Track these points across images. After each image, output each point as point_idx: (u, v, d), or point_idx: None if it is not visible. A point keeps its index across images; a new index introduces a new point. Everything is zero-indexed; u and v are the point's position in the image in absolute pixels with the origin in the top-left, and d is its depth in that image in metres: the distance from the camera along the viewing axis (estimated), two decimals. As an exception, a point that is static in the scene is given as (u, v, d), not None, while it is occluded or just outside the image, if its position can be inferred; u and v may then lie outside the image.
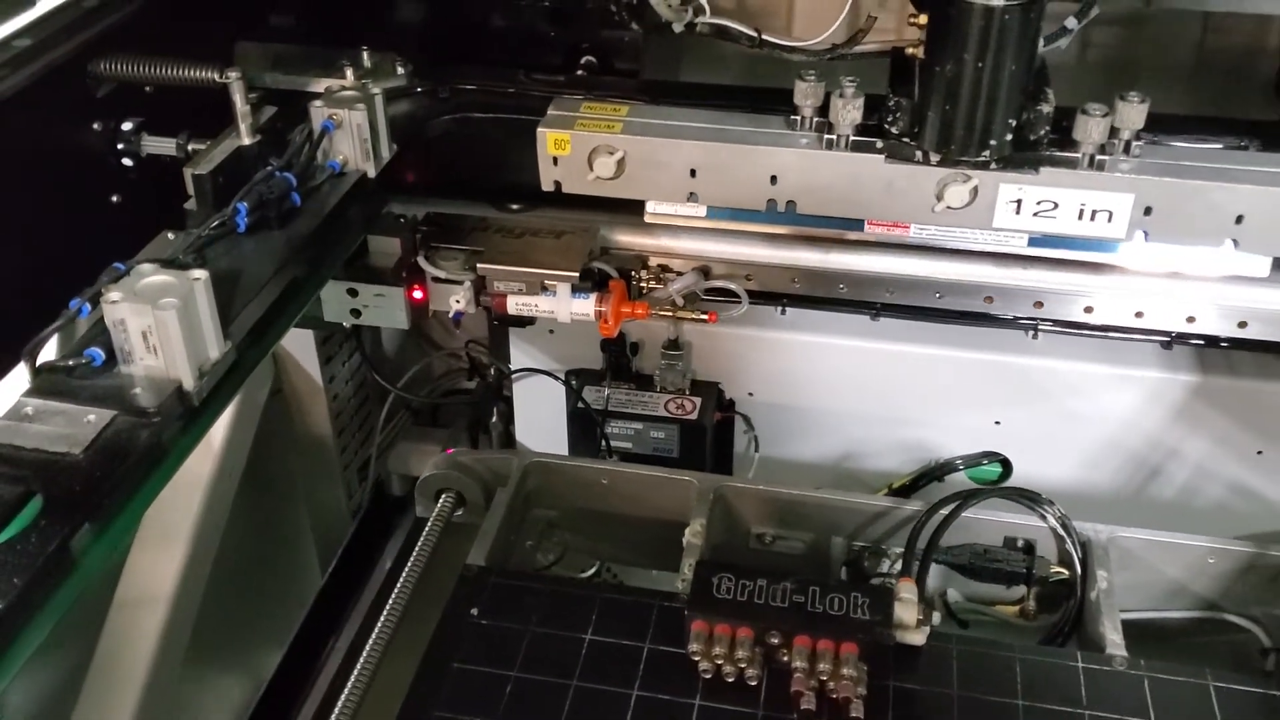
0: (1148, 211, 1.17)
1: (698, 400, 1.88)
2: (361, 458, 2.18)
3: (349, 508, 2.13)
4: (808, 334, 1.84)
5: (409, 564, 1.52)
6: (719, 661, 1.29)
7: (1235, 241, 1.16)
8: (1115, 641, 1.35)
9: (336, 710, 1.32)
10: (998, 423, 1.84)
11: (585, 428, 1.90)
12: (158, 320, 1.02)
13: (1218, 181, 1.18)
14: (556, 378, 1.91)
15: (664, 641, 1.34)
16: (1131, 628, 1.42)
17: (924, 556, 1.43)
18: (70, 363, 1.06)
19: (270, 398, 2.00)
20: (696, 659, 1.30)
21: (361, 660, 1.39)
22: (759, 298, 1.72)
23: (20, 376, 1.08)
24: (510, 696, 1.30)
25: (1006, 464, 1.68)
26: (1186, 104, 1.73)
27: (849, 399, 1.88)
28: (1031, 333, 1.72)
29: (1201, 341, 1.59)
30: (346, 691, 1.36)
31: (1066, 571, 1.49)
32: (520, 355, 1.98)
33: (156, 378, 1.05)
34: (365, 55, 1.54)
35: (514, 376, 1.98)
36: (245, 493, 1.91)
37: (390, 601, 1.46)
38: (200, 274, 1.06)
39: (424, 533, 1.58)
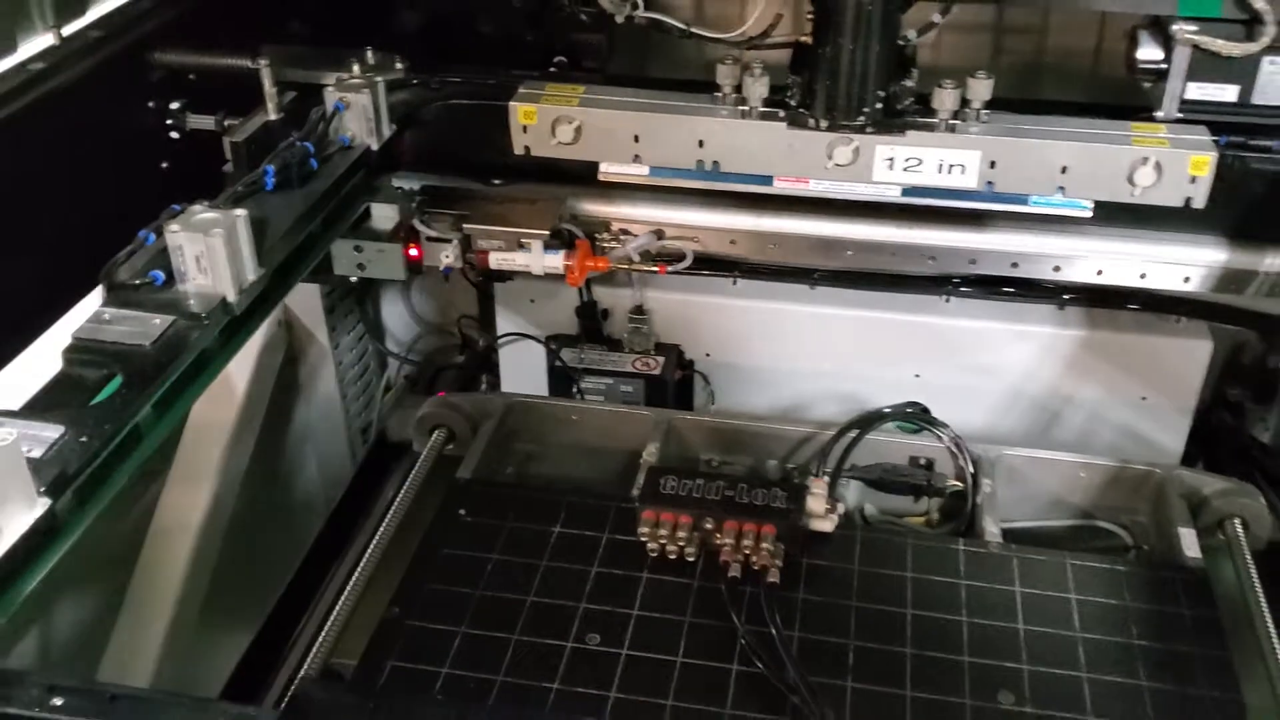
0: (993, 165, 1.45)
1: (661, 359, 2.16)
2: (364, 420, 2.45)
3: (353, 462, 2.40)
4: (756, 301, 2.12)
5: (405, 486, 1.79)
6: (663, 543, 1.56)
7: (1062, 189, 1.44)
8: (994, 533, 1.63)
9: (339, 605, 1.56)
10: (917, 375, 2.11)
11: (563, 383, 2.17)
12: (208, 246, 1.30)
13: (1046, 139, 1.46)
14: (538, 340, 2.19)
15: (619, 532, 1.61)
16: (1020, 535, 1.70)
17: (836, 465, 1.70)
18: (137, 282, 1.34)
19: (284, 364, 2.27)
20: (645, 541, 1.56)
21: (360, 567, 1.63)
22: (712, 267, 2.01)
23: (96, 296, 1.35)
24: (490, 574, 1.56)
25: (926, 413, 1.95)
26: (1086, 95, 2.01)
27: (791, 357, 2.16)
28: (945, 296, 2.01)
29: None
30: (347, 591, 1.60)
31: (961, 484, 1.76)
32: (505, 323, 2.25)
33: (206, 293, 1.32)
34: (369, 54, 1.83)
35: (500, 341, 2.25)
36: (263, 443, 2.18)
37: (387, 518, 1.71)
38: (241, 212, 1.34)
39: (419, 461, 1.85)
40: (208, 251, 1.30)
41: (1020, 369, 2.07)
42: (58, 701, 1.18)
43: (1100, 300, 1.96)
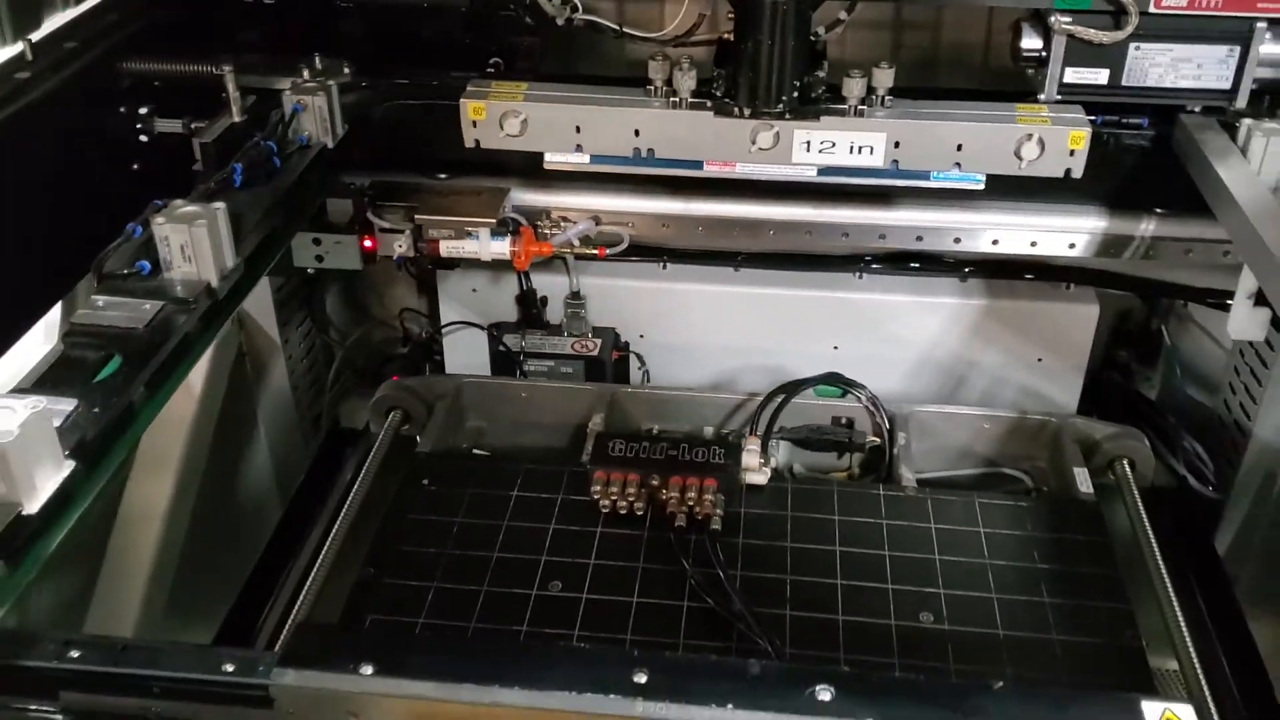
0: (897, 145, 1.63)
1: (598, 341, 2.30)
2: (315, 410, 2.56)
3: (307, 450, 2.50)
4: (685, 283, 2.27)
5: (366, 464, 1.91)
6: (614, 500, 1.71)
7: (958, 165, 1.62)
8: (909, 478, 1.80)
9: (315, 569, 1.68)
10: (836, 347, 2.28)
11: (506, 367, 2.31)
12: (193, 236, 1.41)
13: (943, 121, 1.65)
14: (481, 327, 2.32)
15: (573, 493, 1.76)
16: (933, 484, 1.88)
17: (767, 425, 1.87)
18: (125, 271, 1.44)
19: (237, 358, 2.37)
20: (598, 499, 1.71)
21: (331, 537, 1.75)
22: (643, 253, 2.16)
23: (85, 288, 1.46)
24: (456, 536, 1.70)
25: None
26: (977, 82, 2.20)
27: (719, 335, 2.31)
28: (858, 273, 2.18)
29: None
30: (323, 556, 1.73)
31: (879, 440, 1.94)
32: (449, 313, 2.38)
33: (191, 280, 1.44)
34: (317, 59, 1.95)
35: (444, 330, 2.38)
36: (221, 432, 2.27)
37: (353, 492, 1.83)
38: (220, 204, 1.45)
39: (377, 441, 1.97)
40: (192, 241, 1.42)
41: (928, 337, 2.25)
42: (75, 654, 1.29)
43: (998, 272, 2.15)
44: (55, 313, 1.58)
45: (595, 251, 1.91)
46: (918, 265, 2.14)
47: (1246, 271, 1.58)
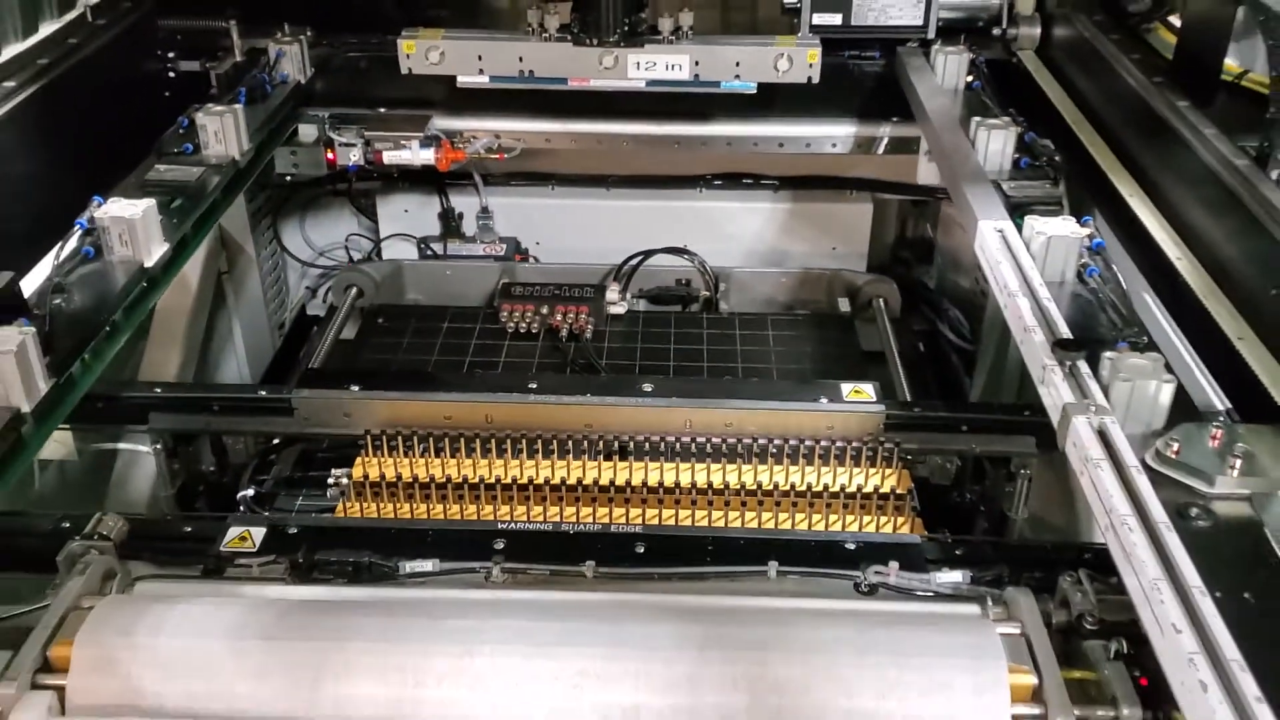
0: (697, 63, 2.37)
1: (504, 246, 3.02)
2: (280, 317, 3.22)
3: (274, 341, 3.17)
4: (569, 200, 3.01)
5: (336, 320, 2.59)
6: (517, 322, 2.43)
7: (738, 76, 2.37)
8: (725, 308, 2.56)
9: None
10: (685, 245, 3.03)
11: (433, 266, 3.02)
12: (223, 123, 2.10)
13: (727, 46, 2.39)
14: (412, 237, 3.03)
15: (487, 322, 2.48)
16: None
17: (626, 273, 2.60)
18: (176, 150, 2.12)
19: (220, 275, 3.04)
20: (504, 323, 2.43)
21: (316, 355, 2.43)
22: (535, 179, 2.90)
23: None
24: (405, 349, 2.41)
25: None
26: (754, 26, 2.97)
27: (596, 239, 3.02)
28: (700, 188, 2.95)
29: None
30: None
31: (709, 293, 2.69)
32: (386, 228, 3.08)
33: (221, 156, 2.12)
34: (286, 26, 2.64)
35: (383, 241, 3.08)
36: (212, 322, 2.93)
37: (328, 333, 2.51)
38: (238, 106, 2.15)
39: (340, 309, 2.66)
40: (223, 128, 2.11)
41: (753, 233, 3.00)
42: (158, 390, 1.98)
43: (800, 185, 2.93)
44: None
45: (496, 157, 2.63)
46: (749, 180, 2.91)
47: (923, 137, 2.33)
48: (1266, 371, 1.42)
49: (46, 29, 2.29)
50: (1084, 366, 1.44)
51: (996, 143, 2.03)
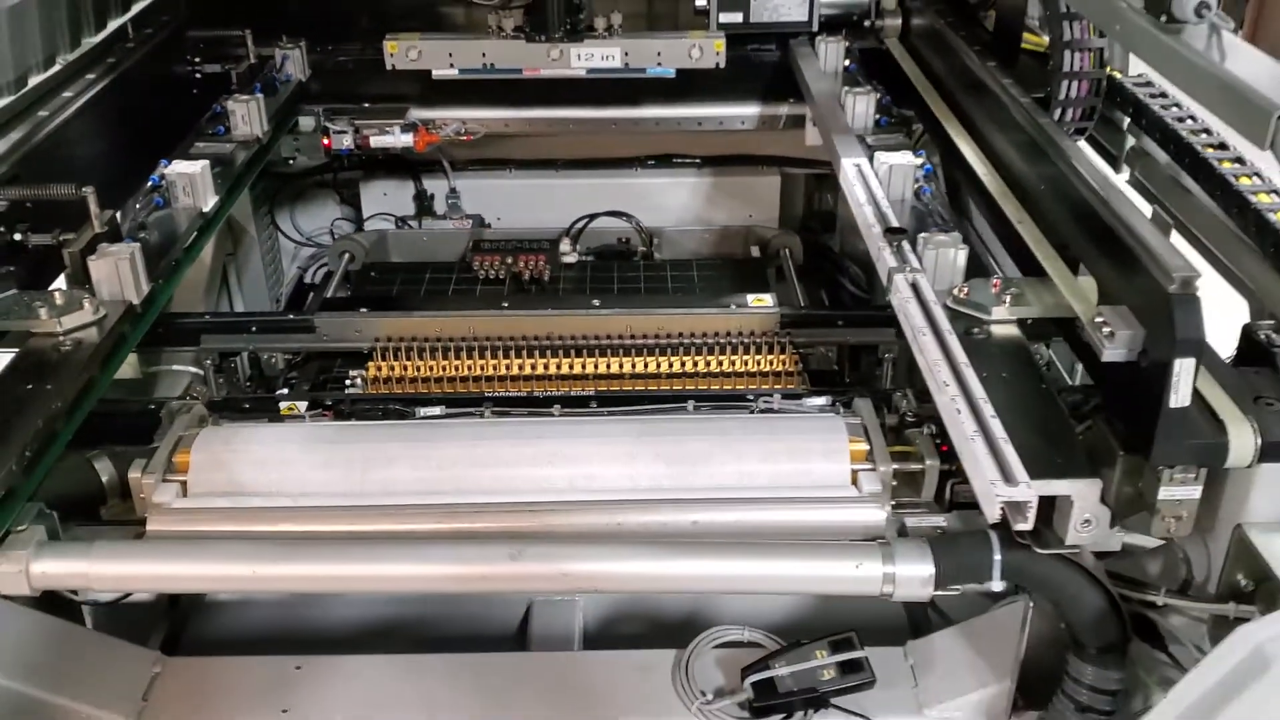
0: (626, 54, 2.92)
1: (470, 221, 3.55)
2: (276, 293, 3.73)
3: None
4: (526, 180, 3.55)
5: (332, 280, 3.11)
6: (487, 270, 2.97)
7: (660, 64, 2.94)
8: (660, 259, 3.11)
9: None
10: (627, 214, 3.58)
11: (410, 241, 3.55)
12: (249, 109, 2.62)
13: (652, 40, 2.95)
14: (390, 215, 3.56)
15: (462, 272, 3.01)
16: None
17: (575, 231, 3.15)
18: (210, 132, 2.64)
19: (227, 256, 3.54)
20: (478, 271, 2.97)
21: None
22: (495, 165, 3.45)
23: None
24: (395, 297, 2.93)
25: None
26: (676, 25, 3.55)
27: (549, 213, 3.54)
28: (637, 167, 3.50)
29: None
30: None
31: (645, 247, 3.24)
32: (369, 209, 3.60)
33: (246, 136, 2.64)
34: (284, 38, 3.16)
35: (366, 220, 3.60)
36: (223, 291, 3.43)
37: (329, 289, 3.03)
38: (259, 95, 2.67)
39: (337, 271, 3.18)
40: (248, 112, 2.63)
41: (681, 204, 3.56)
42: (207, 316, 2.48)
43: (720, 163, 3.50)
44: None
45: (465, 138, 3.17)
46: (679, 160, 3.48)
47: (809, 109, 2.90)
48: (1036, 242, 1.99)
49: (96, 37, 2.81)
50: (906, 246, 2.00)
51: (861, 106, 2.60)
